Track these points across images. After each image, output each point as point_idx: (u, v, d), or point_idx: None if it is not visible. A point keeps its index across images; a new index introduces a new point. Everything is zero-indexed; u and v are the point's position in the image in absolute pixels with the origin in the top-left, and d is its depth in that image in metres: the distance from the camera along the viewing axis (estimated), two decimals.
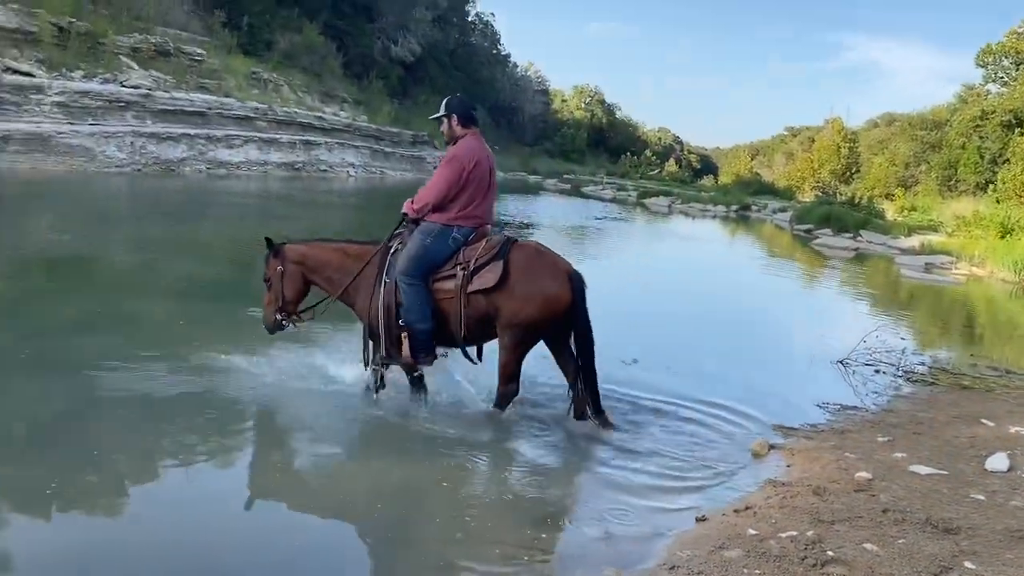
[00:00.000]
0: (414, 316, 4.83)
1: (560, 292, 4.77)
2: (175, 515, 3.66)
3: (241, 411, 4.83)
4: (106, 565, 3.20)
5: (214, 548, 3.41)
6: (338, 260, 5.11)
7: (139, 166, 20.05)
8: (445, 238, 4.87)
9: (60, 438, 4.24)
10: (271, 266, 5.16)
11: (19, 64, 18.59)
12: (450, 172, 4.84)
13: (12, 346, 5.55)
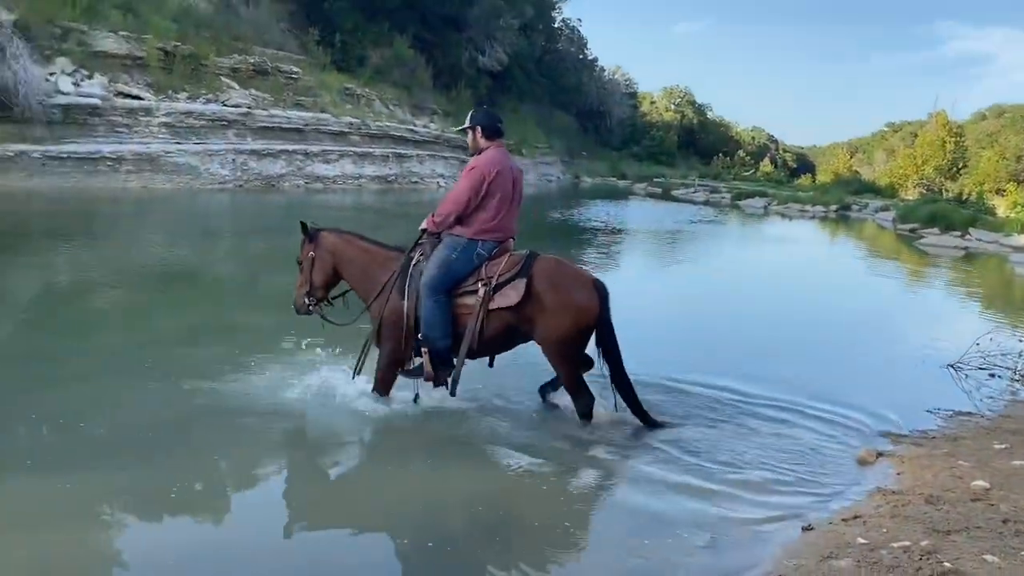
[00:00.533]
0: (437, 333, 4.81)
1: (589, 302, 4.79)
2: (284, 517, 3.79)
3: (346, 420, 4.94)
4: (228, 565, 3.33)
5: (327, 549, 3.51)
6: (363, 261, 5.14)
7: (241, 182, 20.86)
8: (470, 253, 4.85)
9: (179, 443, 4.45)
10: (304, 250, 5.24)
11: (129, 88, 19.65)
12: (470, 182, 4.84)
13: (135, 355, 5.87)
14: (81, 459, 4.13)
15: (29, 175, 16.67)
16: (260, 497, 4.05)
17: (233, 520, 3.77)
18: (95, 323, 7.21)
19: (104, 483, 3.92)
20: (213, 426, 4.68)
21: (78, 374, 5.43)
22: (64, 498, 3.72)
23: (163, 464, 4.15)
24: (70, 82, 18.36)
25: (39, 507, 3.63)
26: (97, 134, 18.37)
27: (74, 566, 3.25)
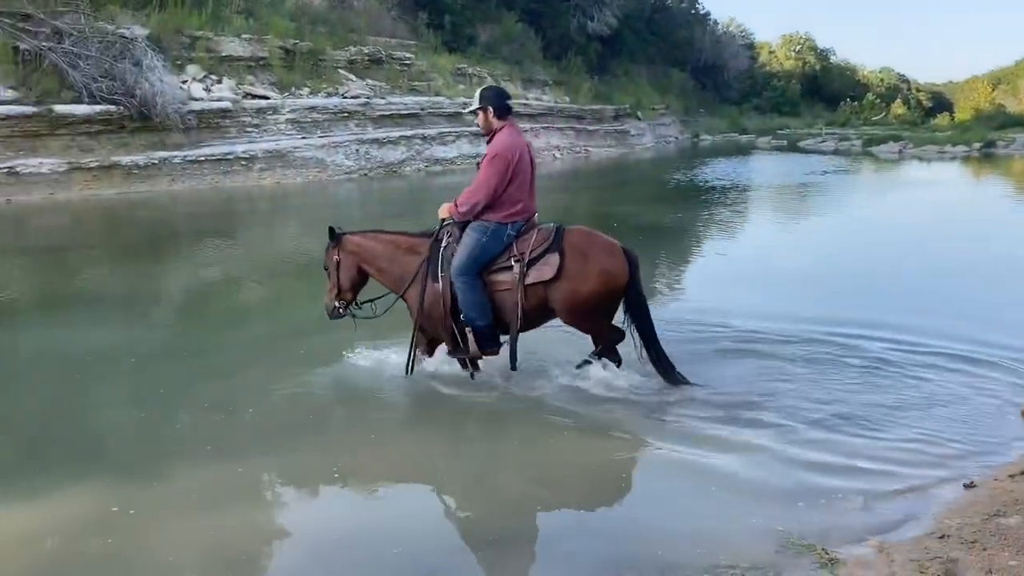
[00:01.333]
0: (475, 313, 4.93)
1: (619, 267, 4.87)
2: (432, 494, 3.93)
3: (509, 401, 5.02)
4: (385, 538, 3.49)
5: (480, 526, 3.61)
6: (389, 252, 5.22)
7: (365, 171, 21.48)
8: (500, 235, 4.93)
9: (334, 425, 4.70)
10: (329, 255, 5.34)
11: (256, 88, 20.53)
12: (496, 170, 4.87)
13: (281, 344, 6.20)
14: (249, 443, 4.42)
15: (172, 179, 17.75)
16: (406, 475, 4.21)
17: (386, 497, 3.93)
18: (243, 315, 7.64)
19: (271, 465, 4.19)
20: (357, 409, 4.90)
21: (236, 364, 5.79)
22: (238, 479, 4.00)
23: (320, 445, 4.39)
24: (201, 88, 19.36)
25: (217, 488, 3.91)
26: (229, 135, 19.32)
27: (247, 541, 3.48)
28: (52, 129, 16.46)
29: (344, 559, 3.27)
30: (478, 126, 5.17)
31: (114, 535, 3.43)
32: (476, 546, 3.41)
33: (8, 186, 15.50)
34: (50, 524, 3.57)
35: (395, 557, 3.24)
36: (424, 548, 3.40)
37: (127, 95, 17.09)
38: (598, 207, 17.02)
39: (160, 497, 3.78)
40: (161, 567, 3.21)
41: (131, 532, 3.46)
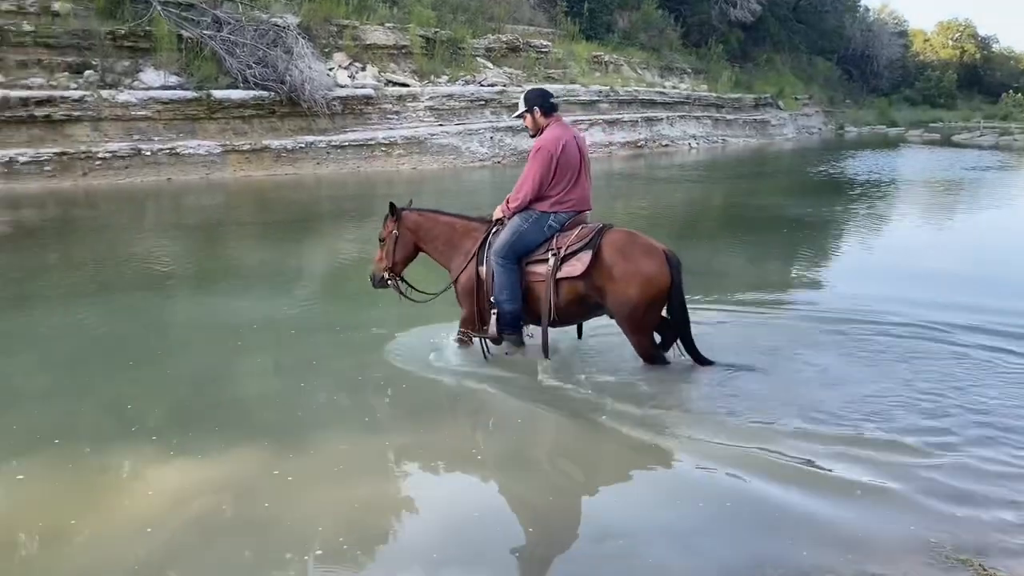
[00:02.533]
0: (504, 296, 5.07)
1: (660, 272, 4.85)
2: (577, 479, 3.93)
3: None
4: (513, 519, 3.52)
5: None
6: (446, 234, 5.44)
7: (498, 158, 21.71)
8: (541, 224, 5.05)
9: (476, 406, 4.76)
10: (388, 227, 5.52)
11: (397, 76, 21.10)
12: (540, 163, 5.00)
13: (415, 321, 6.35)
14: (397, 418, 4.58)
15: (317, 163, 18.51)
16: (546, 457, 4.22)
17: (524, 479, 3.96)
18: (380, 294, 7.82)
19: (416, 441, 4.30)
20: (499, 390, 4.96)
21: (379, 340, 5.96)
22: (383, 452, 4.15)
23: (462, 425, 4.47)
24: (346, 75, 20.07)
25: (365, 459, 4.07)
26: (371, 122, 19.95)
27: (387, 513, 3.59)
28: (210, 113, 17.47)
29: (480, 536, 3.32)
30: (527, 128, 5.32)
31: (269, 498, 3.61)
32: (619, 534, 3.37)
33: (170, 166, 16.59)
34: (209, 483, 3.80)
35: (529, 536, 3.27)
36: (559, 530, 3.41)
37: (278, 81, 17.92)
38: (735, 198, 16.58)
39: (313, 465, 3.94)
40: (308, 533, 3.35)
41: (284, 497, 3.62)
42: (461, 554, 3.19)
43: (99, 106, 16.13)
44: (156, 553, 3.19)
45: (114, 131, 16.37)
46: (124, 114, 16.45)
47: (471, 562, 3.14)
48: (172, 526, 3.38)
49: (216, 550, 3.23)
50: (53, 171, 15.23)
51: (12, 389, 5.03)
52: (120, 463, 4.01)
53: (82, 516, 3.49)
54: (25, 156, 14.96)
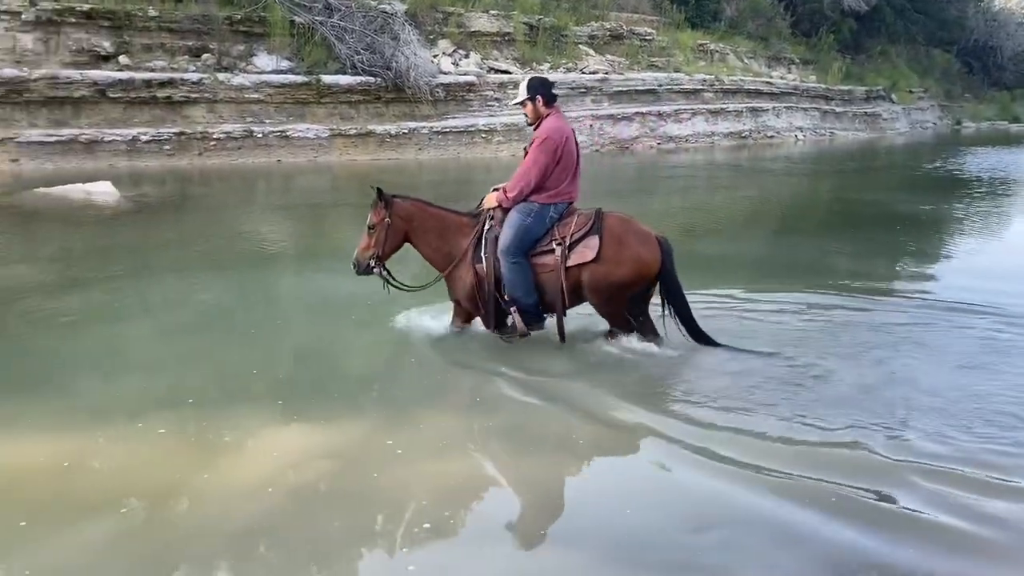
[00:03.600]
0: (521, 292, 5.04)
1: (653, 258, 5.01)
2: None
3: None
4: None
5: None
6: (438, 228, 5.28)
7: (597, 147, 21.60)
8: (543, 217, 5.05)
9: (590, 383, 4.80)
10: (379, 214, 5.25)
11: (499, 63, 21.21)
12: (545, 155, 4.99)
13: None
14: (505, 396, 4.62)
15: (419, 149, 18.82)
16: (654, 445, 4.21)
17: (627, 464, 3.95)
18: None
19: (522, 421, 4.33)
20: (606, 365, 4.97)
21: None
22: (487, 432, 4.22)
23: (568, 407, 4.49)
24: (450, 62, 20.31)
25: (473, 437, 4.17)
26: (472, 108, 20.14)
27: (486, 491, 3.66)
28: (319, 98, 17.96)
29: (581, 517, 3.35)
30: (526, 116, 5.25)
31: (379, 468, 3.73)
32: (718, 522, 3.35)
33: (280, 148, 17.16)
34: (326, 449, 3.96)
35: (627, 518, 3.27)
36: (661, 515, 3.40)
37: (384, 68, 18.27)
38: (842, 193, 16.06)
39: (422, 439, 4.03)
40: (413, 505, 3.44)
41: (393, 468, 3.73)
42: (561, 536, 3.22)
43: (215, 89, 16.81)
44: (275, 512, 3.35)
45: (228, 113, 17.04)
46: (238, 97, 17.08)
47: (570, 544, 3.16)
48: (290, 487, 3.54)
49: (328, 514, 3.35)
50: (172, 150, 15.97)
51: (136, 354, 5.32)
52: (248, 424, 4.20)
53: (214, 470, 3.69)
54: (147, 135, 15.74)
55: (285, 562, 3.06)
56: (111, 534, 3.20)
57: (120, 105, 15.84)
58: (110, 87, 15.62)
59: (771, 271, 8.33)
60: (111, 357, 5.27)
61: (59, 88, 15.27)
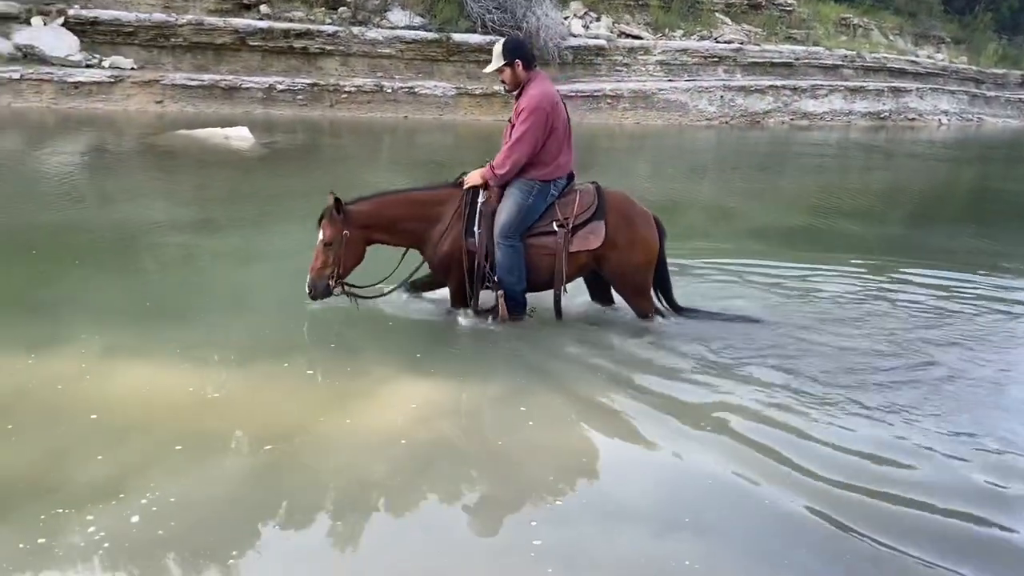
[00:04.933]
0: (513, 278, 4.69)
1: (651, 236, 4.84)
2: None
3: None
4: None
5: None
6: (410, 211, 4.76)
7: (727, 119, 20.92)
8: (545, 195, 4.69)
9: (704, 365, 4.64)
10: (333, 229, 4.58)
11: (630, 28, 20.74)
12: (535, 124, 4.53)
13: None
14: (646, 372, 4.47)
15: None
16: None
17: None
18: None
19: (662, 401, 4.21)
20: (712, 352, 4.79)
21: None
22: (606, 406, 4.12)
23: (678, 382, 4.34)
24: (580, 25, 19.98)
25: (597, 412, 4.06)
26: (600, 73, 19.81)
27: (600, 466, 3.58)
28: (447, 56, 18.03)
29: (715, 507, 3.23)
30: (503, 83, 4.75)
31: (509, 435, 3.70)
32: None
33: (407, 104, 17.35)
34: (460, 407, 3.99)
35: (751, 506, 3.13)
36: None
37: (515, 27, 18.12)
38: (987, 182, 15.02)
39: (557, 412, 3.92)
40: (541, 477, 3.41)
41: (522, 434, 3.69)
42: (692, 523, 3.09)
43: (349, 42, 17.09)
44: (404, 465, 3.37)
45: (360, 67, 17.31)
46: (371, 51, 17.33)
47: (702, 533, 3.04)
48: (423, 441, 3.54)
49: (456, 475, 3.35)
50: (305, 100, 16.38)
51: (270, 295, 5.41)
52: (386, 373, 4.23)
53: (352, 416, 3.76)
54: (282, 84, 16.18)
55: (411, 519, 3.07)
56: (251, 470, 3.28)
57: (258, 53, 16.33)
58: (250, 35, 16.11)
59: (905, 253, 7.87)
60: (245, 296, 5.40)
61: (203, 34, 15.86)
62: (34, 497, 3.01)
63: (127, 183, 9.29)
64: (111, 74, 14.78)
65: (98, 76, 14.61)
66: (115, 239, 6.67)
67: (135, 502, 2.95)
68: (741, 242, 7.95)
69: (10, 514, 2.91)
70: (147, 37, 15.49)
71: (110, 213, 7.66)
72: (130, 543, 2.78)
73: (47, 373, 3.97)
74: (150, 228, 7.01)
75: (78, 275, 5.67)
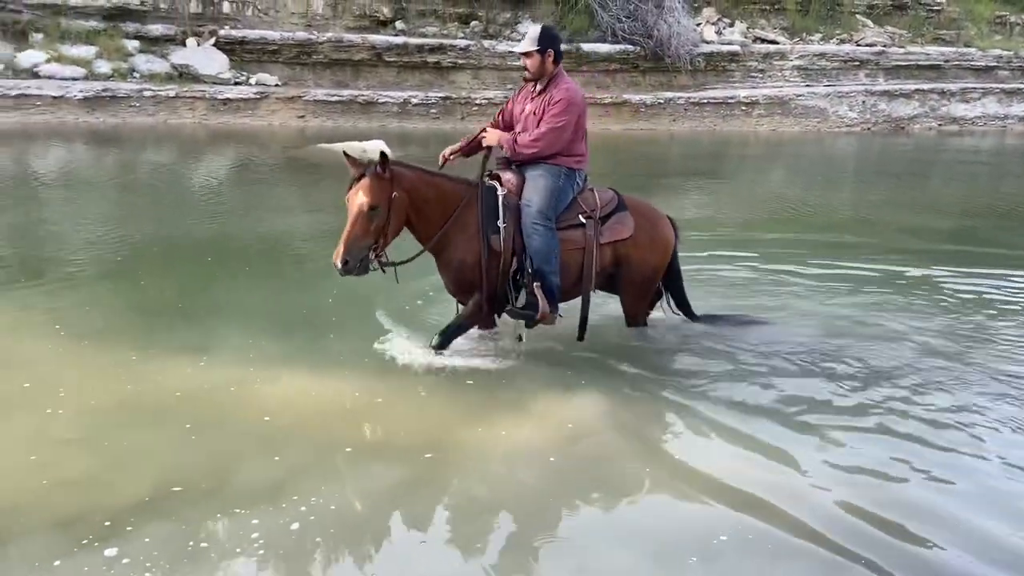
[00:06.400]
0: (552, 266, 4.33)
1: (671, 238, 4.76)
2: None
3: None
4: None
5: None
6: (435, 196, 4.34)
7: (868, 125, 19.94)
8: (572, 181, 4.49)
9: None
10: (383, 190, 4.06)
11: (766, 33, 20.11)
12: (571, 119, 4.37)
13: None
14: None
15: (673, 119, 18.33)
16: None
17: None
18: (740, 247, 7.42)
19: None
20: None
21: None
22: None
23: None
24: (713, 31, 19.53)
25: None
26: (733, 79, 19.29)
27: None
28: (577, 65, 17.92)
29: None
30: (526, 69, 4.44)
31: (657, 463, 3.60)
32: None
33: None
34: (602, 423, 3.87)
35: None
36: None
37: (645, 36, 17.93)
38: None
39: (713, 446, 3.74)
40: (700, 514, 3.28)
41: (670, 461, 3.59)
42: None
43: (480, 55, 17.32)
44: (552, 483, 3.32)
45: (490, 79, 17.51)
46: (501, 64, 17.49)
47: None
48: (568, 456, 3.50)
49: (600, 500, 3.26)
50: (437, 113, 16.69)
51: (415, 310, 5.40)
52: (540, 387, 4.20)
53: (508, 428, 3.75)
54: (416, 98, 16.56)
55: (561, 533, 3.01)
56: (410, 479, 3.30)
57: (394, 69, 16.79)
58: (386, 51, 16.59)
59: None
60: (398, 306, 5.31)
61: (342, 51, 16.46)
62: (204, 498, 3.11)
63: (272, 194, 9.68)
64: (257, 91, 15.51)
65: (245, 93, 15.36)
66: (263, 249, 6.94)
67: (296, 508, 3.00)
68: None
69: (179, 514, 3.01)
70: (290, 55, 16.20)
71: (261, 224, 7.95)
72: (285, 550, 2.82)
73: (218, 376, 4.14)
74: (290, 239, 7.24)
75: (237, 283, 5.93)
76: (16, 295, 5.37)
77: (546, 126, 4.35)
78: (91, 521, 2.91)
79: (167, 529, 2.90)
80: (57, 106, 13.96)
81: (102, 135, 13.28)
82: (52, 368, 4.23)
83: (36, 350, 4.44)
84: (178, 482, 3.19)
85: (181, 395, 3.93)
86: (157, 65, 15.22)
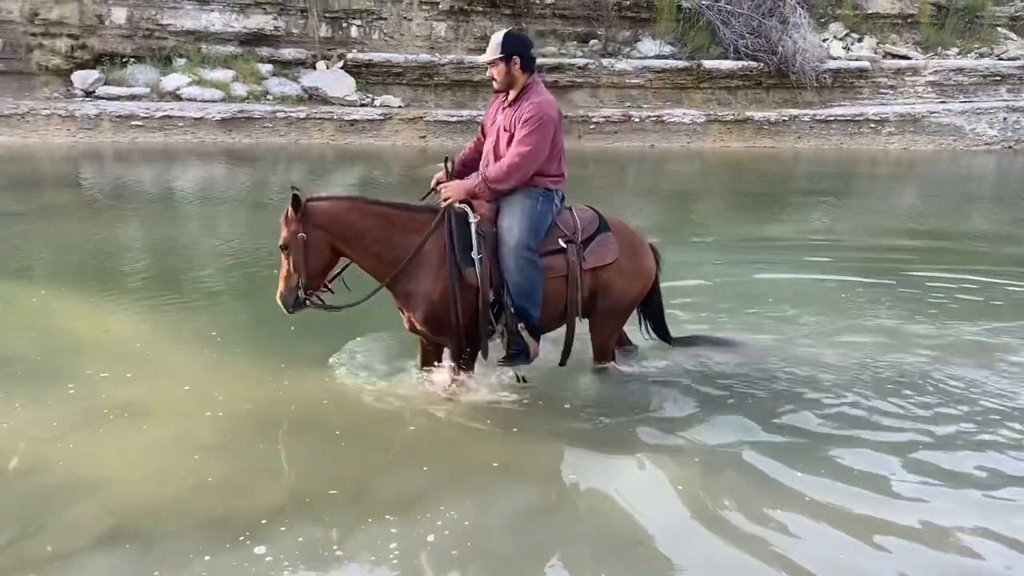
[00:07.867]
0: (533, 301, 3.95)
1: (652, 266, 4.40)
2: None
3: None
4: None
5: None
6: (380, 229, 3.93)
7: (1010, 143, 18.79)
8: (550, 204, 4.08)
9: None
10: (289, 229, 3.84)
11: (897, 48, 19.32)
12: (546, 136, 3.94)
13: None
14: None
15: (798, 137, 17.81)
16: None
17: None
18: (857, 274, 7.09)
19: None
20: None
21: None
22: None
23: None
24: (841, 47, 18.91)
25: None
26: (862, 96, 18.59)
27: None
28: (697, 83, 17.76)
29: None
30: (492, 79, 4.09)
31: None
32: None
33: (655, 133, 17.26)
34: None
35: None
36: None
37: (769, 52, 17.52)
38: None
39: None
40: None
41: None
42: None
43: (599, 74, 17.33)
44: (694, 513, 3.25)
45: (608, 98, 17.50)
46: (619, 82, 17.46)
47: None
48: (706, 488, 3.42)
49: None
50: None
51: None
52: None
53: (629, 473, 3.60)
54: None
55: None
56: (540, 504, 3.30)
57: None
58: None
59: None
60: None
61: (462, 72, 16.82)
62: (348, 504, 3.21)
63: None
64: (381, 112, 16.01)
65: (371, 114, 15.88)
66: None
67: (433, 522, 3.04)
68: None
69: (323, 518, 3.11)
70: (413, 77, 16.67)
71: None
72: (419, 561, 2.85)
73: (364, 386, 4.28)
74: None
75: (383, 294, 6.03)
76: (174, 306, 5.71)
77: (516, 150, 3.95)
78: (243, 520, 3.05)
79: (311, 532, 3.00)
80: (197, 127, 14.82)
81: (238, 154, 14.01)
82: (209, 375, 4.47)
83: (194, 358, 4.71)
84: (324, 487, 3.30)
85: (328, 403, 4.08)
86: (289, 88, 15.94)
